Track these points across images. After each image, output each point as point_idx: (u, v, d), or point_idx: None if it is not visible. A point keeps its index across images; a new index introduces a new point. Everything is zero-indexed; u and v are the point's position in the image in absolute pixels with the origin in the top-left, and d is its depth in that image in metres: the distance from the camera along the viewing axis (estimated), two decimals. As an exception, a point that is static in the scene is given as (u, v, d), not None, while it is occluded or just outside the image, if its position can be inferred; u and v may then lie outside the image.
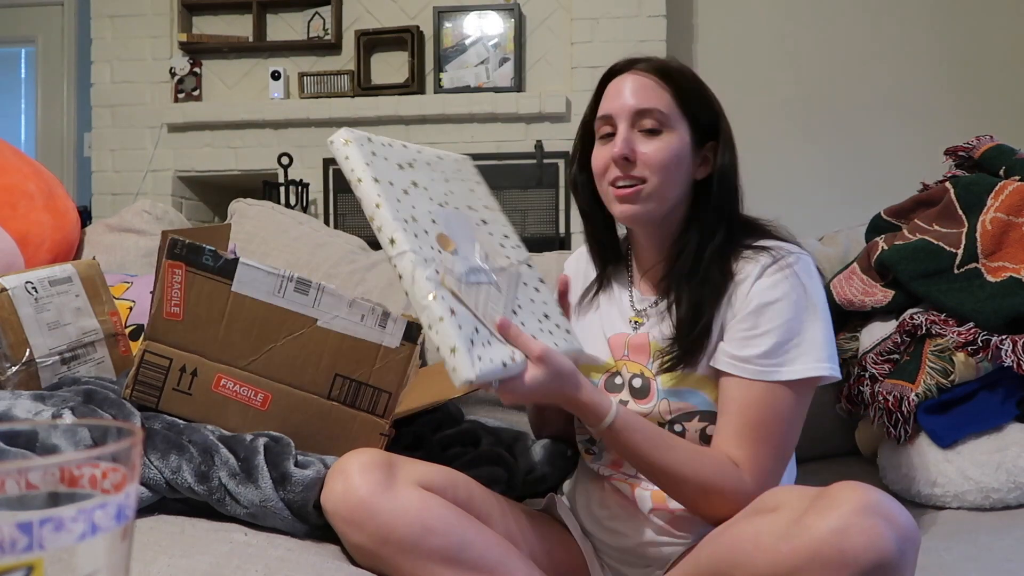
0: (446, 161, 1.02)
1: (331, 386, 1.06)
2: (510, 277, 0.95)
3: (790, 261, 0.97)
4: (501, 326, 0.85)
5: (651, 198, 0.99)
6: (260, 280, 1.04)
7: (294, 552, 0.92)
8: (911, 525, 0.76)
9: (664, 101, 0.99)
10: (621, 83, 1.02)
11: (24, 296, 1.23)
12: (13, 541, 0.31)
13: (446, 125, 3.51)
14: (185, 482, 0.97)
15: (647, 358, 1.04)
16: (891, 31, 3.64)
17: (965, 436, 1.22)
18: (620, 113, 1.00)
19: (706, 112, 1.02)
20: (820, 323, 0.96)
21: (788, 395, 0.94)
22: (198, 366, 1.05)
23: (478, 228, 0.96)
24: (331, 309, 1.04)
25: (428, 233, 0.87)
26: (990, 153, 1.41)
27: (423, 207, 0.90)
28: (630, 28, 3.47)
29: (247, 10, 3.66)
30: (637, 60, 1.03)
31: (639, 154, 0.98)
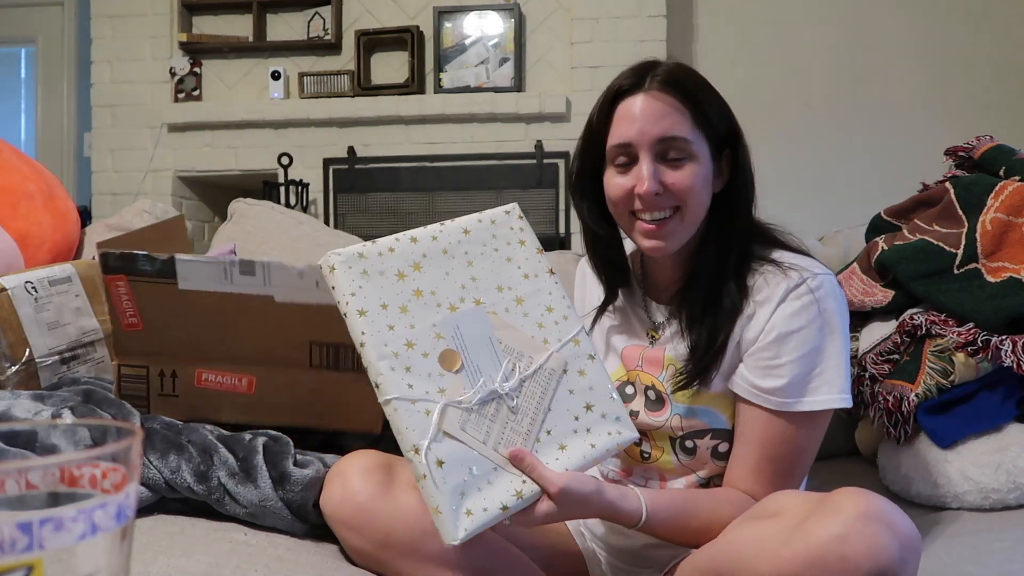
0: (478, 230, 0.91)
1: (309, 355, 1.04)
2: (546, 377, 0.87)
3: (813, 286, 0.93)
4: (514, 458, 0.81)
5: (679, 229, 0.95)
6: (203, 271, 1.02)
7: (293, 551, 0.92)
8: (913, 532, 0.75)
9: (686, 125, 0.93)
10: (636, 106, 0.94)
11: (24, 296, 1.23)
12: (13, 541, 0.31)
13: (446, 125, 3.51)
14: (184, 482, 0.97)
15: (660, 370, 1.02)
16: (891, 31, 3.64)
17: (965, 436, 1.22)
18: (641, 143, 0.93)
19: (721, 122, 0.97)
20: (840, 349, 0.94)
21: (808, 425, 0.95)
22: (175, 368, 1.05)
23: (505, 319, 0.88)
24: (284, 282, 1.02)
25: (429, 356, 0.81)
26: (990, 153, 1.41)
27: (425, 323, 0.83)
28: (630, 28, 3.47)
29: (247, 10, 3.66)
30: (645, 75, 0.95)
31: (667, 186, 0.93)
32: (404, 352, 0.80)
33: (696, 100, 0.94)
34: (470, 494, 0.78)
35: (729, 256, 0.96)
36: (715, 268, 0.96)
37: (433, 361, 0.81)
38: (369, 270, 0.83)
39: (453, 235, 0.89)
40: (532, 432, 0.84)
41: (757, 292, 0.96)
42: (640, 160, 0.93)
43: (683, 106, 0.93)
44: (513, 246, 0.92)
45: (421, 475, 0.77)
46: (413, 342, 0.81)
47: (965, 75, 3.60)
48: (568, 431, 0.86)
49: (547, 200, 3.40)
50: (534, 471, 0.80)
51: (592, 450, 0.86)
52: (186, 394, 1.05)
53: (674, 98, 0.93)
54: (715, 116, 0.96)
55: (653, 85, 0.94)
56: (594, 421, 0.88)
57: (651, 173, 0.92)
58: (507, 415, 0.83)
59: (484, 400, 0.82)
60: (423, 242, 0.87)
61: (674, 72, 0.95)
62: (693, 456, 1.00)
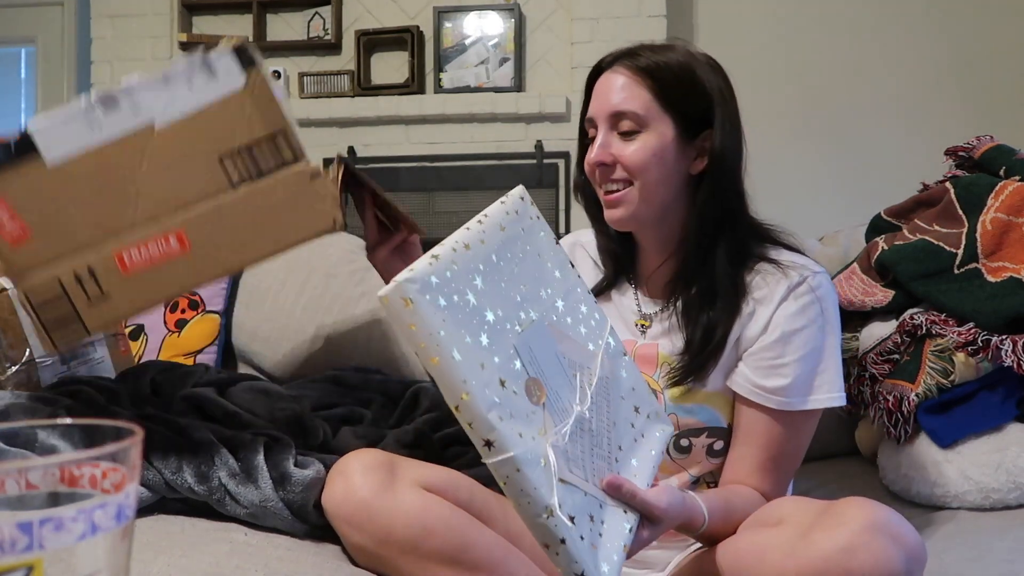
0: (511, 225, 0.81)
1: (226, 173, 0.85)
2: (605, 388, 0.81)
3: (814, 285, 0.94)
4: (611, 488, 0.76)
5: (635, 201, 0.96)
6: (66, 131, 0.84)
7: (294, 552, 0.92)
8: (919, 544, 0.75)
9: (641, 100, 0.95)
10: (602, 83, 0.99)
11: (24, 296, 1.23)
12: (13, 541, 0.31)
13: (446, 125, 3.51)
14: (185, 482, 0.97)
15: (654, 368, 1.01)
16: (891, 31, 3.64)
17: (965, 436, 1.22)
18: (599, 115, 0.98)
19: (696, 102, 0.96)
20: (837, 348, 0.97)
21: (808, 422, 0.96)
22: (88, 263, 0.87)
23: (560, 328, 0.80)
24: (154, 102, 0.84)
25: (518, 393, 0.70)
26: (990, 153, 1.40)
27: (504, 353, 0.71)
28: (630, 28, 3.47)
29: (247, 10, 3.66)
30: (622, 55, 0.99)
31: (616, 157, 0.96)
32: (502, 395, 0.69)
33: (660, 78, 0.95)
34: (600, 546, 0.71)
35: (717, 246, 0.96)
36: (704, 259, 0.96)
37: (523, 398, 0.70)
38: (445, 296, 0.69)
39: (494, 236, 0.78)
40: (611, 453, 0.78)
41: (756, 290, 0.96)
42: (598, 132, 0.97)
43: (642, 81, 0.95)
44: (538, 239, 0.84)
45: (559, 540, 0.67)
46: (504, 379, 0.70)
47: (965, 75, 3.60)
48: (632, 442, 0.82)
49: (547, 200, 3.40)
50: (635, 498, 0.76)
51: (652, 456, 0.83)
52: (117, 288, 0.87)
53: (634, 72, 0.96)
54: (684, 94, 0.96)
55: (621, 63, 0.97)
56: (645, 424, 0.85)
57: (600, 143, 0.96)
58: (590, 440, 0.76)
59: (573, 431, 0.73)
60: (475, 248, 0.74)
61: (651, 53, 0.97)
62: (688, 454, 1.00)
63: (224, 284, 1.68)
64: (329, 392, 1.40)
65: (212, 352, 1.63)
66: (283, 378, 1.64)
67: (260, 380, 1.44)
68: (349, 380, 1.46)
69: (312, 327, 1.64)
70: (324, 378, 1.47)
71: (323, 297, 1.67)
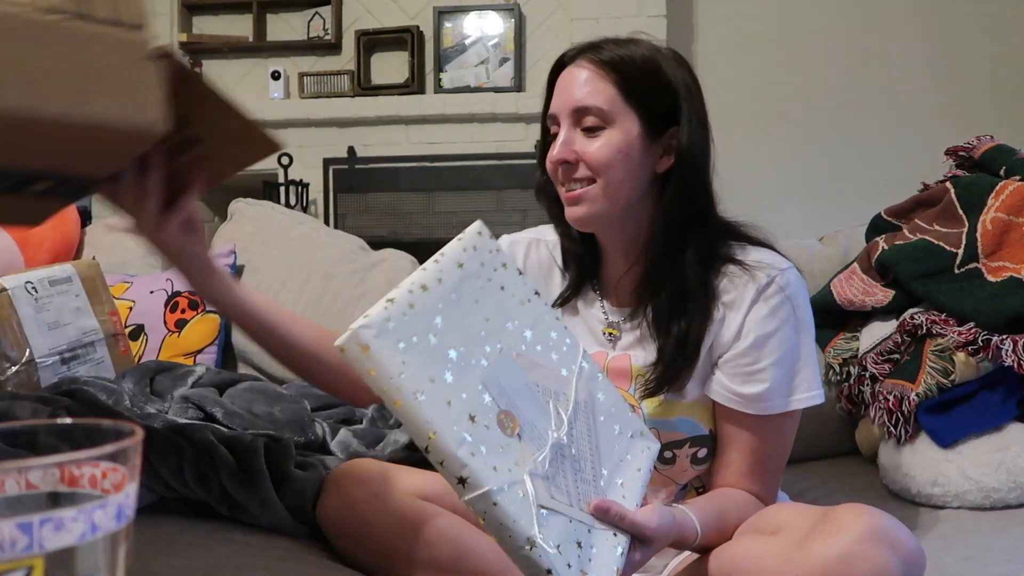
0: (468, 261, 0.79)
1: None
2: (583, 412, 0.80)
3: (783, 284, 0.92)
4: (599, 511, 0.74)
5: (598, 199, 0.92)
6: None
7: (293, 553, 0.92)
8: (917, 550, 0.74)
9: (605, 95, 0.91)
10: (564, 77, 0.94)
11: (24, 296, 1.23)
12: (13, 541, 0.31)
13: (446, 125, 3.51)
14: (185, 483, 0.97)
15: (628, 382, 0.98)
16: (892, 31, 3.64)
17: (965, 436, 1.22)
18: (561, 111, 0.93)
19: (662, 97, 0.92)
20: (812, 344, 0.95)
21: (791, 422, 0.95)
22: None
23: (530, 357, 0.79)
24: None
25: (490, 427, 0.70)
26: (990, 153, 1.41)
27: (472, 388, 0.71)
28: (630, 28, 3.40)
29: (247, 10, 3.66)
30: (585, 48, 0.94)
31: (579, 154, 0.92)
32: (472, 430, 0.68)
33: (624, 73, 0.91)
34: (591, 571, 0.69)
35: (686, 248, 0.92)
36: (673, 262, 0.93)
37: (495, 431, 0.70)
38: (403, 338, 0.68)
39: (452, 273, 0.77)
40: (596, 476, 0.77)
41: (724, 294, 0.93)
42: (560, 129, 0.94)
43: (606, 75, 0.91)
44: (499, 271, 0.83)
45: (545, 570, 0.66)
46: (474, 414, 0.69)
47: (965, 75, 3.60)
48: (617, 463, 0.81)
49: (547, 200, 3.40)
50: (624, 520, 0.75)
51: (640, 475, 0.83)
52: None
53: (597, 67, 0.92)
54: (649, 89, 0.92)
55: (584, 57, 0.93)
56: (628, 444, 0.84)
57: (563, 140, 0.92)
58: (571, 466, 0.75)
59: (552, 458, 0.73)
60: (433, 289, 0.73)
61: (615, 47, 0.93)
62: (672, 465, 0.98)
63: (224, 284, 1.68)
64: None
65: (212, 352, 1.63)
66: (283, 378, 1.64)
67: (260, 380, 1.44)
68: (349, 380, 1.46)
69: (312, 327, 1.64)
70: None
71: (323, 297, 1.67)
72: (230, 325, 1.69)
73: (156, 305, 1.62)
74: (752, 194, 3.49)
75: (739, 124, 3.66)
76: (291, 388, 1.41)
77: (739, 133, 3.67)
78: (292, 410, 1.26)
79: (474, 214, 3.55)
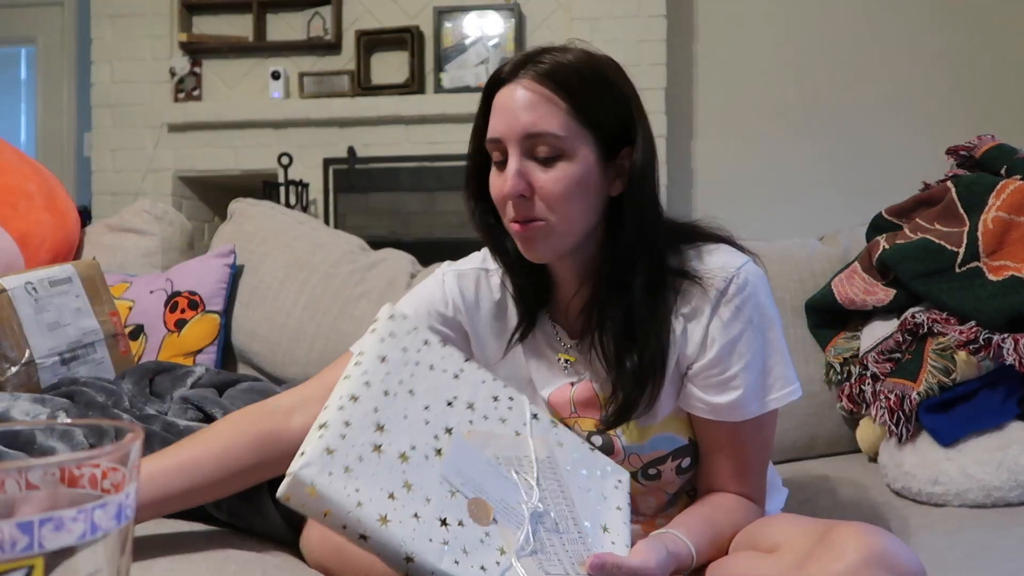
0: (390, 350, 0.77)
1: None
2: (548, 469, 0.78)
3: (740, 284, 0.87)
4: (595, 568, 0.72)
5: (554, 235, 0.86)
6: None
7: (290, 560, 0.92)
8: (918, 572, 0.72)
9: (559, 120, 0.83)
10: (508, 96, 0.85)
11: (24, 296, 1.23)
12: (13, 541, 0.31)
13: (446, 125, 3.51)
14: (185, 482, 0.97)
15: (597, 411, 0.96)
16: (892, 30, 3.64)
17: (966, 434, 1.22)
18: (509, 137, 0.85)
19: (615, 115, 0.87)
20: (780, 338, 0.91)
21: (770, 419, 0.93)
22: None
23: (480, 428, 0.77)
24: None
25: (464, 523, 0.68)
26: (991, 152, 1.40)
27: (433, 484, 0.69)
28: (630, 28, 3.47)
29: (247, 10, 3.66)
30: (525, 62, 0.85)
31: (535, 188, 0.85)
32: (448, 535, 0.66)
33: (575, 92, 0.84)
34: None
35: (636, 271, 0.87)
36: (619, 288, 0.87)
37: (471, 526, 0.68)
38: (349, 463, 0.66)
39: (377, 371, 0.74)
40: (581, 532, 0.75)
41: (681, 307, 0.89)
42: (508, 156, 0.85)
43: (558, 98, 0.83)
44: (424, 350, 0.80)
45: None
46: (444, 517, 0.67)
47: (966, 74, 3.60)
48: (595, 508, 0.79)
49: (547, 200, 3.40)
50: (621, 570, 0.73)
51: (621, 513, 0.82)
52: None
53: (547, 88, 0.83)
54: (603, 107, 0.86)
55: (528, 74, 0.84)
56: (599, 483, 0.82)
57: (515, 171, 0.84)
58: (553, 531, 0.73)
59: (534, 530, 0.71)
60: (363, 396, 0.71)
61: (557, 62, 0.84)
62: (659, 480, 0.97)
63: (224, 284, 1.68)
64: (329, 392, 1.40)
65: (212, 352, 1.63)
66: (283, 378, 1.64)
67: (260, 380, 1.44)
68: (349, 380, 1.46)
69: (312, 327, 1.64)
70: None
71: (323, 297, 1.67)
72: (230, 325, 1.69)
73: (156, 305, 1.62)
74: (752, 194, 3.50)
75: (739, 123, 3.66)
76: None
77: (739, 132, 3.67)
78: (292, 410, 1.26)
79: (474, 214, 3.55)
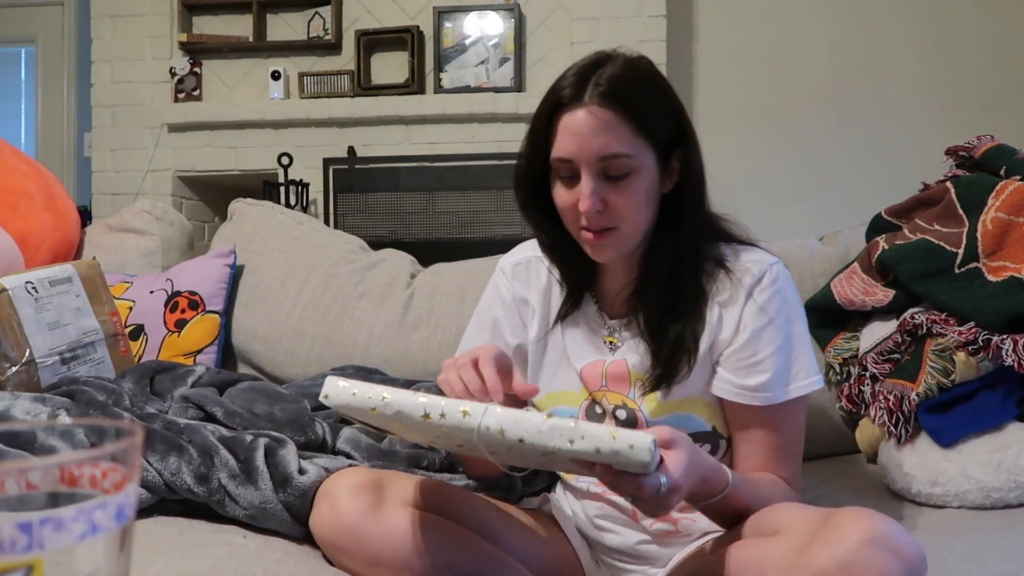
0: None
1: None
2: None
3: (773, 277, 0.96)
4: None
5: (622, 238, 0.94)
6: None
7: (292, 555, 0.92)
8: (919, 556, 0.74)
9: (627, 140, 0.90)
10: (576, 120, 0.90)
11: (24, 296, 1.23)
12: (13, 541, 0.31)
13: (446, 125, 3.51)
14: (184, 483, 0.97)
15: (627, 387, 1.01)
16: (891, 30, 3.64)
17: (966, 435, 1.22)
18: (582, 159, 0.90)
19: (668, 123, 0.93)
20: (806, 333, 0.99)
21: (798, 406, 0.99)
22: None
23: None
24: None
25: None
26: (991, 153, 1.40)
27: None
28: (630, 28, 3.46)
29: (247, 10, 3.65)
30: (586, 84, 0.90)
31: (608, 203, 0.91)
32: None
33: (638, 110, 0.90)
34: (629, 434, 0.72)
35: (683, 256, 0.96)
36: (669, 268, 0.96)
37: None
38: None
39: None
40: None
41: (718, 294, 0.97)
42: (582, 177, 0.91)
43: (624, 119, 0.89)
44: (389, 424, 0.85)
45: (573, 424, 0.71)
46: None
47: (965, 75, 3.60)
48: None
49: (547, 200, 3.40)
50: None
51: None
52: None
53: (614, 112, 0.89)
54: (660, 122, 0.93)
55: (593, 99, 0.90)
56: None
57: (591, 191, 0.90)
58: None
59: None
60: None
61: (616, 80, 0.90)
62: None
63: (224, 284, 1.68)
64: (329, 392, 1.40)
65: (212, 352, 1.63)
66: (283, 378, 1.64)
67: (260, 380, 1.44)
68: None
69: (312, 327, 1.64)
70: (324, 378, 1.46)
71: (323, 297, 1.67)
72: (230, 325, 1.69)
73: (156, 305, 1.62)
74: (752, 194, 3.50)
75: (739, 124, 3.66)
76: (291, 388, 1.41)
77: (739, 133, 3.67)
78: (292, 410, 1.26)
79: (474, 214, 3.56)
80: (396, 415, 0.74)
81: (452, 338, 1.56)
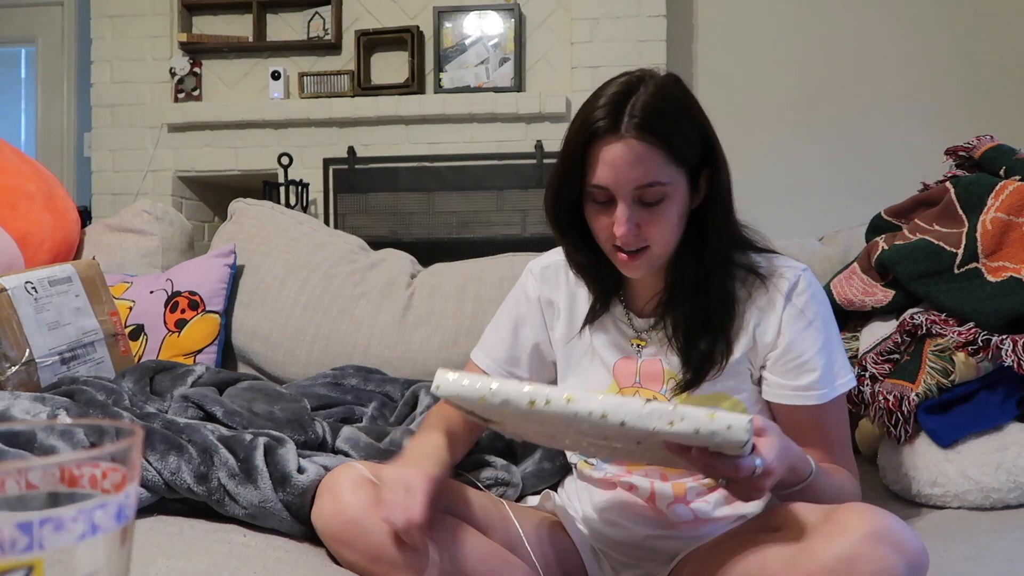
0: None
1: None
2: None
3: (808, 281, 1.00)
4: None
5: (654, 257, 0.97)
6: None
7: (292, 554, 0.92)
8: (921, 550, 0.74)
9: (661, 168, 0.91)
10: (613, 153, 0.91)
11: (24, 296, 1.23)
12: (13, 541, 0.31)
13: (446, 125, 3.51)
14: (184, 483, 0.97)
15: (660, 384, 1.03)
16: (891, 31, 3.64)
17: (965, 436, 1.22)
18: (618, 189, 0.92)
19: (699, 147, 0.95)
20: (838, 334, 1.02)
21: (843, 402, 1.02)
22: None
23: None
24: None
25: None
26: (990, 153, 1.40)
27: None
28: (630, 28, 3.47)
29: (247, 10, 3.65)
30: (621, 115, 0.91)
31: (643, 227, 0.94)
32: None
33: (672, 139, 0.91)
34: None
35: (710, 266, 0.98)
36: (697, 279, 0.98)
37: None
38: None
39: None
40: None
41: (756, 300, 1.00)
42: (618, 204, 0.93)
43: (659, 149, 0.91)
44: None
45: (671, 407, 0.73)
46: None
47: (965, 75, 3.60)
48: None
49: (547, 200, 3.40)
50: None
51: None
52: None
53: (649, 144, 0.90)
54: (692, 146, 0.94)
55: (629, 131, 0.90)
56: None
57: (627, 218, 0.93)
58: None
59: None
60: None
61: (649, 110, 0.91)
62: None
63: (224, 284, 1.68)
64: (329, 392, 1.40)
65: (212, 352, 1.63)
66: (283, 378, 1.64)
67: (260, 380, 1.44)
68: (349, 380, 1.46)
69: (312, 327, 1.64)
70: (324, 378, 1.47)
71: (323, 297, 1.67)
72: (230, 325, 1.69)
73: (156, 305, 1.62)
74: (752, 194, 3.49)
75: (739, 123, 3.66)
76: (291, 387, 1.41)
77: (739, 133, 3.67)
78: (292, 409, 1.26)
79: (474, 214, 3.56)
80: (503, 403, 0.77)
81: (452, 338, 1.56)
